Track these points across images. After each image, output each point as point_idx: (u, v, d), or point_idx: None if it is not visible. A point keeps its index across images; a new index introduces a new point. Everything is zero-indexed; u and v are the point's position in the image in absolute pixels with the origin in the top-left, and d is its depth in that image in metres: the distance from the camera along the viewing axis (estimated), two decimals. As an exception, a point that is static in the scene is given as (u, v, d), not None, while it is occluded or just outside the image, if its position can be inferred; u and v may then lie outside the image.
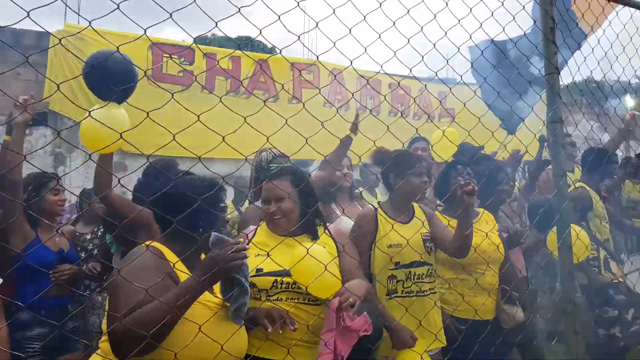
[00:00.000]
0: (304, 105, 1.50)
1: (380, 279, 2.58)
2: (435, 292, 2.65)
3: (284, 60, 6.58)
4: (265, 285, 2.10)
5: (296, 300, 2.09)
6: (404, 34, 2.14)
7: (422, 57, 2.31)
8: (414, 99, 4.88)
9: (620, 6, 3.07)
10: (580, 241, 2.90)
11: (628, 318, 3.35)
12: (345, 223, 2.77)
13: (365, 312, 1.95)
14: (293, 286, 2.09)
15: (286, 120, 1.47)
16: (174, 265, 1.68)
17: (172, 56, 5.85)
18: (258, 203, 3.28)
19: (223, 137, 1.33)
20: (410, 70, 2.23)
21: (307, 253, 1.89)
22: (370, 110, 2.25)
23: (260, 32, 1.50)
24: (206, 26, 1.58)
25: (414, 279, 2.56)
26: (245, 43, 12.33)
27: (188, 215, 1.64)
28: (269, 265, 2.09)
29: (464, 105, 2.52)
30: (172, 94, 1.34)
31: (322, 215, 2.44)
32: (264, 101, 1.73)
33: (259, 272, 2.10)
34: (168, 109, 1.85)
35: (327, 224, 2.40)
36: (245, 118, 1.32)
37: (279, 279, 2.09)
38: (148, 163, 3.10)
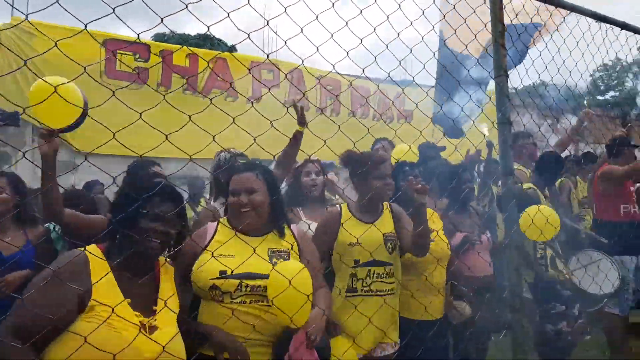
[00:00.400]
0: (252, 104, 1.48)
1: (341, 277, 2.60)
2: (394, 293, 2.67)
3: (244, 59, 6.54)
4: (229, 288, 2.04)
5: (260, 303, 2.05)
6: (357, 35, 2.16)
7: (375, 57, 2.34)
8: (366, 99, 4.90)
9: (568, 12, 3.21)
10: (550, 225, 3.00)
11: (575, 313, 3.49)
12: (305, 226, 2.77)
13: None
14: (257, 289, 2.05)
15: (233, 119, 1.44)
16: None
17: (125, 53, 5.68)
18: (216, 204, 3.25)
19: (166, 136, 1.30)
20: (363, 71, 2.25)
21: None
22: (322, 110, 2.25)
23: (209, 29, 1.47)
24: (165, 23, 1.53)
25: (373, 278, 2.58)
26: (205, 41, 12.15)
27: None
28: (233, 267, 2.03)
29: (416, 105, 2.56)
30: (114, 92, 1.29)
31: (287, 216, 2.45)
32: (211, 99, 1.70)
33: (223, 274, 2.04)
34: (123, 107, 1.80)
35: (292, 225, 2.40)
36: (190, 116, 1.28)
37: (244, 282, 2.05)
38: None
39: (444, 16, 2.56)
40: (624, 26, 3.58)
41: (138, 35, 1.38)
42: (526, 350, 2.50)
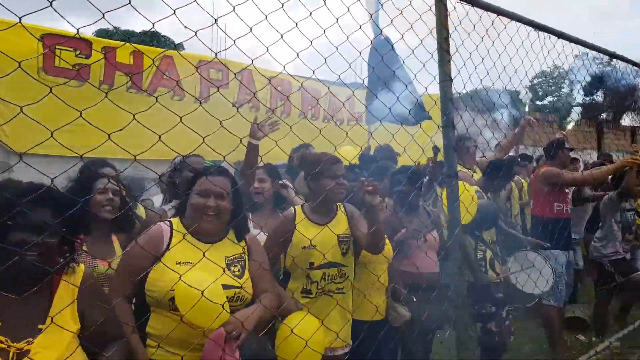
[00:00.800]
0: (200, 103, 1.45)
1: (296, 278, 2.61)
2: (345, 293, 2.69)
3: (191, 58, 6.39)
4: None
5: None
6: (307, 37, 2.16)
7: (325, 59, 2.36)
8: (317, 101, 4.92)
9: (508, 20, 3.35)
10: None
11: (503, 314, 3.65)
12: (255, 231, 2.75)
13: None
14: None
15: (180, 119, 1.41)
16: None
17: (65, 48, 5.42)
18: (167, 206, 3.16)
19: (109, 135, 1.25)
20: (313, 72, 2.26)
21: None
22: (273, 111, 2.24)
23: (153, 25, 1.43)
24: (108, 19, 1.47)
25: (327, 280, 2.60)
26: (150, 38, 11.82)
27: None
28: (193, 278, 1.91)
29: (366, 108, 2.61)
30: (51, 88, 1.23)
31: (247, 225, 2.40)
32: (157, 98, 1.65)
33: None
34: (63, 106, 1.71)
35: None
36: (134, 115, 1.24)
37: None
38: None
39: (392, 21, 2.60)
40: (560, 35, 3.79)
41: (77, 30, 1.32)
42: (470, 348, 2.58)
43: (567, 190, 4.51)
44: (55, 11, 1.21)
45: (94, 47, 5.66)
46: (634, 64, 4.84)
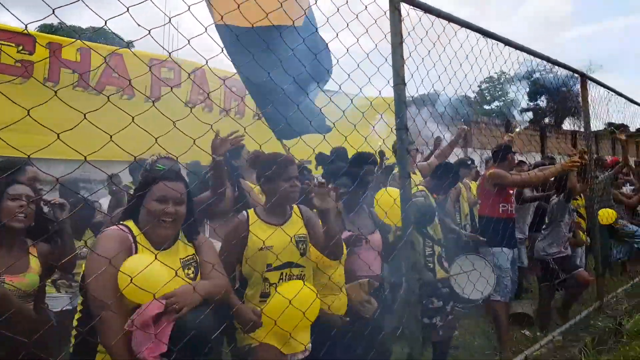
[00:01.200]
0: (153, 103, 1.42)
1: (253, 283, 2.58)
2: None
3: (142, 56, 6.22)
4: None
5: None
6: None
7: (280, 61, 2.37)
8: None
9: (458, 27, 3.47)
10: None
11: (448, 310, 3.78)
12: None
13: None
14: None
15: (133, 118, 1.38)
16: None
17: (6, 43, 5.16)
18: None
19: (58, 135, 1.20)
20: (269, 74, 2.27)
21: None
22: (227, 112, 2.21)
23: (106, 23, 1.39)
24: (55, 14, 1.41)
25: (286, 280, 2.57)
26: (99, 35, 11.43)
27: None
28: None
29: (298, 108, 2.64)
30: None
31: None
32: (108, 97, 1.60)
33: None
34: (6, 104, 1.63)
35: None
36: (85, 115, 1.20)
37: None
38: None
39: (347, 25, 2.63)
40: (507, 42, 3.96)
41: (26, 26, 1.27)
42: (420, 345, 2.65)
43: (511, 192, 4.71)
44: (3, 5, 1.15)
45: (39, 42, 5.41)
46: (571, 70, 5.11)
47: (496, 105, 32.31)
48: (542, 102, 30.42)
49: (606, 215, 6.13)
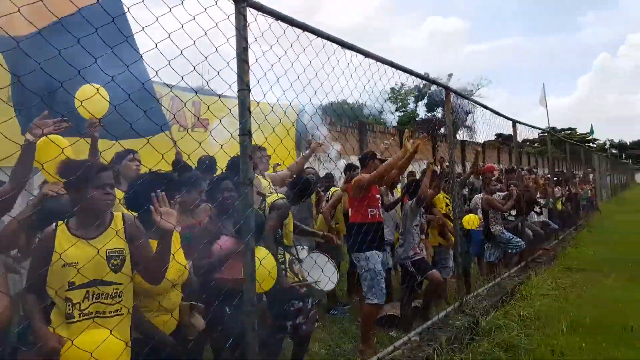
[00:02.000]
0: None
1: (59, 306, 2.32)
2: (123, 314, 2.41)
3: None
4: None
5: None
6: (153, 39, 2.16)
7: (169, 61, 2.26)
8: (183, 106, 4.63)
9: (314, 36, 3.51)
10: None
11: (309, 306, 3.87)
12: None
13: None
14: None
15: None
16: None
17: None
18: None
19: None
20: (157, 73, 2.20)
21: None
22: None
23: None
24: None
25: (92, 300, 2.31)
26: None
27: None
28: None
29: (209, 109, 2.54)
30: None
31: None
32: None
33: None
34: None
35: None
36: None
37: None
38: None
39: (194, 17, 2.54)
40: (367, 54, 4.08)
41: None
42: (257, 352, 2.61)
43: (377, 196, 4.86)
44: None
45: None
46: (437, 84, 5.45)
47: (398, 115, 33.73)
48: (438, 113, 32.30)
49: (469, 220, 6.56)
